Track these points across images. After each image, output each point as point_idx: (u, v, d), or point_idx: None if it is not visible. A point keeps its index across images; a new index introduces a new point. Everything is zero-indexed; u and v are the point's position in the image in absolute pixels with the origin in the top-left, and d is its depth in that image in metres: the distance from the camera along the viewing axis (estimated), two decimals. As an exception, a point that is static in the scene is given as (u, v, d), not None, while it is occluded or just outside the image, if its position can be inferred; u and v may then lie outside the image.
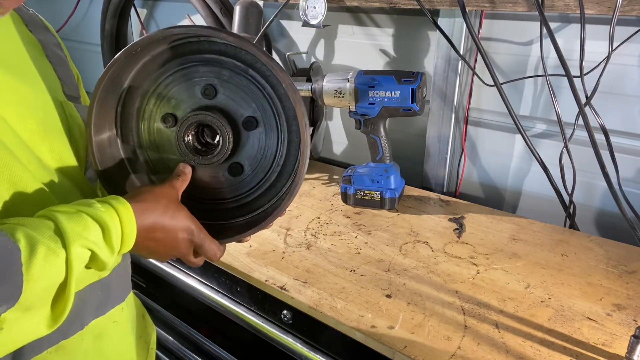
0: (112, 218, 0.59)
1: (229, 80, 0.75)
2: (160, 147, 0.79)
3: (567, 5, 1.04)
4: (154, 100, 0.77)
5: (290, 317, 0.95)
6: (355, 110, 1.19)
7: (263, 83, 0.75)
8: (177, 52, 0.74)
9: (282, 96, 0.75)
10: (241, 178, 0.79)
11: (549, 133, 1.25)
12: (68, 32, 2.31)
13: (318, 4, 1.29)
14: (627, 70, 1.11)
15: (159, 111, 0.77)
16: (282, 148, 0.78)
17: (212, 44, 0.74)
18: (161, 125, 0.77)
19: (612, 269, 0.98)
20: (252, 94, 0.75)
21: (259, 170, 0.79)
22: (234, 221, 0.80)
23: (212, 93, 0.74)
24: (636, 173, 1.16)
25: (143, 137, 0.79)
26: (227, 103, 0.75)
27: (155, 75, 0.75)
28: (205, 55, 0.74)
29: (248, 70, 0.74)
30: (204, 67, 0.74)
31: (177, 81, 0.75)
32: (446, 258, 1.02)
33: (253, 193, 0.80)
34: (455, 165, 1.40)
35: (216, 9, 1.56)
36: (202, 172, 0.78)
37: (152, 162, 0.80)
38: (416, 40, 1.39)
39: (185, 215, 0.69)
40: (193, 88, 0.75)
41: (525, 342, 0.78)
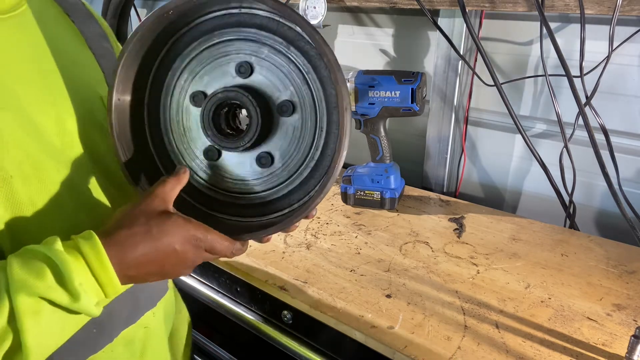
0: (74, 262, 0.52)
1: (267, 58, 0.68)
2: (187, 131, 0.72)
3: (567, 5, 1.04)
4: (185, 77, 0.71)
5: (290, 317, 0.95)
6: (355, 110, 1.19)
7: (305, 64, 0.68)
8: (215, 24, 0.69)
9: (325, 80, 0.67)
10: (270, 170, 0.71)
11: (549, 133, 1.25)
12: (68, 32, 2.31)
13: (318, 4, 1.29)
14: (627, 70, 1.11)
15: (189, 89, 0.71)
16: (320, 140, 0.69)
17: (254, 17, 0.68)
18: (190, 106, 0.71)
19: (612, 269, 0.98)
20: (291, 76, 0.68)
21: (292, 162, 0.71)
22: (257, 220, 0.73)
23: (248, 71, 0.68)
24: (636, 173, 1.16)
25: (169, 119, 0.72)
26: (263, 83, 0.68)
27: (189, 50, 0.70)
28: (245, 29, 0.68)
29: (289, 47, 0.67)
30: (242, 42, 0.68)
31: (212, 56, 0.69)
32: (446, 258, 1.02)
33: (282, 189, 0.72)
34: (455, 165, 1.40)
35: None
36: (228, 160, 0.71)
37: (177, 149, 0.73)
38: (416, 40, 1.39)
39: (176, 224, 0.60)
40: (228, 65, 0.69)
41: (525, 342, 0.78)
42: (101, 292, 0.54)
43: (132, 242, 0.56)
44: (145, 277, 0.59)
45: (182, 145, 0.73)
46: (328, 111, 0.68)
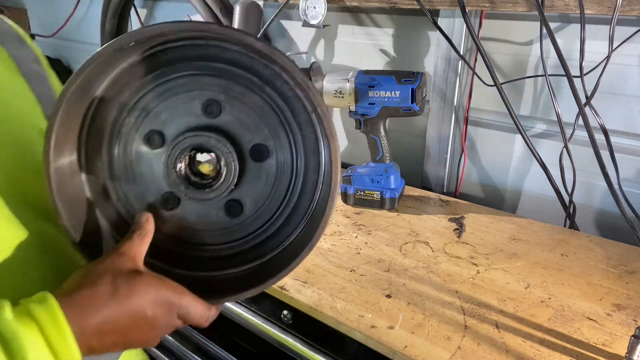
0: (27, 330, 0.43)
1: (239, 97, 0.61)
2: (139, 178, 0.62)
3: (567, 5, 1.04)
4: (136, 114, 0.60)
5: (290, 317, 0.95)
6: (355, 110, 1.19)
7: (281, 105, 0.61)
8: (177, 55, 0.60)
9: (304, 123, 0.62)
10: (240, 219, 0.64)
11: (549, 133, 1.25)
12: (68, 32, 2.31)
13: (318, 4, 1.29)
14: (627, 70, 1.11)
15: (141, 128, 0.61)
16: (297, 186, 0.64)
17: (224, 51, 0.60)
18: (143, 148, 0.61)
19: (612, 269, 0.98)
20: (265, 118, 0.61)
21: (264, 211, 0.64)
22: (224, 273, 0.65)
23: (216, 111, 0.60)
24: (636, 173, 1.16)
25: (116, 165, 0.62)
26: (233, 125, 0.61)
27: (142, 83, 0.60)
28: (213, 63, 0.60)
29: (265, 87, 0.61)
30: (210, 78, 0.61)
31: (172, 92, 0.60)
32: (446, 258, 1.02)
33: (252, 240, 0.65)
34: (455, 165, 1.40)
35: (216, 9, 1.56)
36: (190, 209, 0.63)
37: (126, 200, 0.63)
38: (416, 40, 1.39)
39: (147, 283, 0.52)
40: (192, 102, 0.60)
41: (525, 342, 0.78)
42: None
43: (96, 304, 0.48)
44: (109, 347, 0.50)
45: (131, 194, 0.63)
46: (306, 156, 0.63)
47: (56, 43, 2.48)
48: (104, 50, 0.53)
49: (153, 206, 0.63)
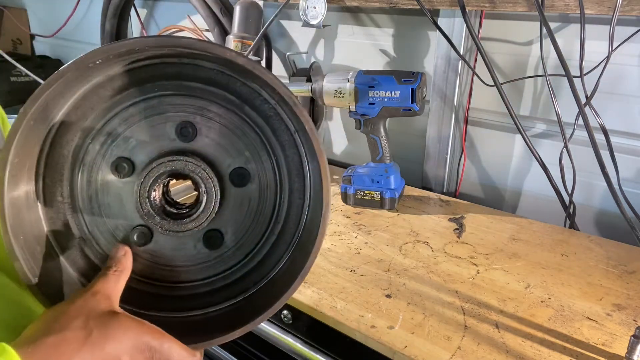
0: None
1: (216, 118, 0.56)
2: (105, 211, 0.56)
3: (567, 5, 1.04)
4: (102, 140, 0.55)
5: (290, 317, 0.95)
6: (355, 110, 1.19)
7: (262, 125, 0.57)
8: (147, 75, 0.54)
9: (287, 144, 0.58)
10: (220, 251, 0.59)
11: (549, 133, 1.25)
12: (68, 32, 2.31)
13: (318, 4, 1.29)
14: (627, 70, 1.11)
15: (108, 155, 0.55)
16: (281, 211, 0.60)
17: (198, 69, 0.55)
18: (110, 177, 0.55)
19: (612, 269, 0.98)
20: (245, 139, 0.57)
21: (247, 240, 0.60)
22: (205, 312, 0.60)
23: (192, 133, 0.56)
24: (636, 173, 1.16)
25: (79, 196, 0.55)
26: (211, 148, 0.57)
27: (109, 105, 0.54)
28: (187, 82, 0.56)
29: (243, 107, 0.57)
30: (184, 98, 0.56)
31: (141, 115, 0.55)
32: (446, 258, 1.02)
33: (235, 272, 0.61)
34: (455, 165, 1.40)
35: (216, 9, 1.56)
36: (164, 242, 0.58)
37: (92, 236, 0.57)
38: (416, 40, 1.39)
39: (124, 326, 0.47)
40: (164, 125, 0.55)
41: (525, 342, 0.78)
42: None
43: (64, 351, 0.42)
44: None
45: (97, 229, 0.57)
46: (290, 178, 0.59)
47: (56, 43, 2.48)
48: (65, 70, 0.46)
49: (123, 242, 0.57)
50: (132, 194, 0.55)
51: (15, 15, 2.52)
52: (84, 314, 0.46)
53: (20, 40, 2.59)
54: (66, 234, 0.56)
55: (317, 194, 0.58)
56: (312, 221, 0.59)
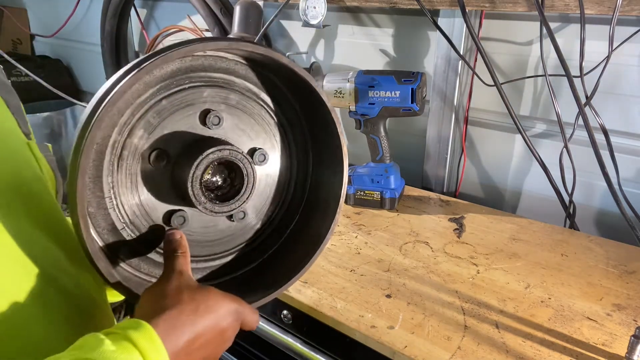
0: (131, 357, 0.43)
1: (237, 106, 0.63)
2: (144, 200, 0.60)
3: (567, 5, 1.04)
4: (138, 133, 0.57)
5: (290, 317, 0.95)
6: (355, 110, 1.19)
7: (275, 109, 0.66)
8: (175, 68, 0.58)
9: (294, 123, 0.68)
10: (243, 223, 0.67)
11: (549, 133, 1.25)
12: (68, 32, 2.31)
13: (318, 4, 1.29)
14: (627, 70, 1.11)
15: (144, 147, 0.58)
16: (291, 182, 0.70)
17: (219, 60, 0.61)
18: (147, 167, 0.58)
19: (612, 269, 0.98)
20: (262, 123, 0.65)
21: (265, 210, 0.69)
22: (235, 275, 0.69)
23: (218, 121, 0.61)
24: (636, 173, 1.16)
25: (119, 189, 0.58)
26: (234, 133, 0.63)
27: (142, 100, 0.57)
28: (210, 74, 0.61)
29: (260, 94, 0.64)
30: (208, 89, 0.61)
31: (172, 106, 0.59)
32: (446, 258, 1.02)
33: (258, 238, 0.70)
34: (455, 165, 1.40)
35: (216, 9, 1.56)
36: (196, 223, 0.63)
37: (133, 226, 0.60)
38: (416, 40, 1.39)
39: (217, 296, 0.53)
40: (194, 115, 0.60)
41: (525, 342, 0.78)
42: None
43: (185, 321, 0.49)
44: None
45: (138, 219, 0.60)
46: (297, 151, 0.69)
47: (56, 43, 2.48)
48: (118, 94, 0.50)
49: (161, 227, 0.61)
50: (169, 182, 0.59)
51: (15, 15, 2.52)
52: (184, 290, 0.51)
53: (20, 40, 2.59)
54: (110, 228, 0.58)
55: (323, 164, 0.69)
56: (319, 187, 0.70)
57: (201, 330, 0.50)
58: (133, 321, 0.46)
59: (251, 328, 0.58)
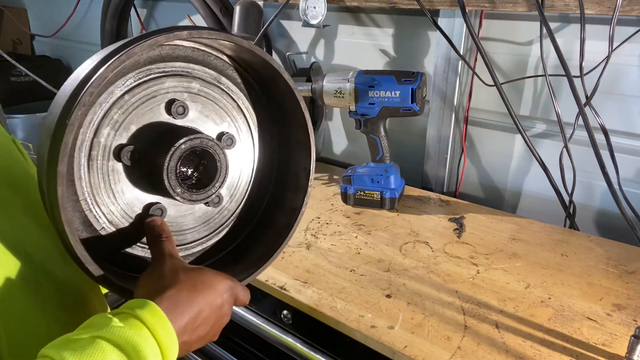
0: (140, 334, 0.45)
1: (199, 93, 0.64)
2: (118, 195, 0.60)
3: (567, 5, 1.04)
4: (105, 132, 0.57)
5: (290, 317, 0.95)
6: (355, 110, 1.19)
7: (236, 91, 0.67)
8: (133, 62, 0.58)
9: (257, 104, 0.69)
10: (219, 207, 0.69)
11: (549, 133, 1.25)
12: (68, 32, 2.31)
13: (318, 4, 1.29)
14: (627, 70, 1.11)
15: (112, 145, 0.58)
16: (259, 161, 0.72)
17: (176, 49, 0.61)
18: (118, 165, 0.58)
19: (612, 269, 0.98)
20: (225, 108, 0.67)
21: (237, 191, 0.71)
22: (216, 258, 0.71)
23: (182, 111, 0.61)
24: (636, 173, 1.16)
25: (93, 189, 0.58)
26: (200, 121, 0.64)
27: (103, 97, 0.56)
28: (170, 63, 0.61)
29: (220, 78, 0.65)
30: (169, 79, 0.61)
31: (135, 101, 0.58)
32: (446, 258, 1.02)
33: (233, 219, 0.71)
34: (455, 165, 1.40)
35: (216, 9, 1.56)
36: (175, 212, 0.64)
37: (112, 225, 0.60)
38: (416, 40, 1.39)
39: (212, 275, 0.56)
40: (158, 107, 0.60)
41: (525, 342, 0.78)
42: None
43: (185, 298, 0.51)
44: (194, 342, 0.53)
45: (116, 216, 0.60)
46: (262, 131, 0.71)
47: (56, 43, 2.48)
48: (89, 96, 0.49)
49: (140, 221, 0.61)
50: (143, 176, 0.60)
51: (15, 15, 2.52)
52: (179, 270, 0.54)
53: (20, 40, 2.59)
54: (89, 230, 0.58)
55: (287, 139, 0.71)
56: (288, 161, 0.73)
57: (201, 306, 0.52)
58: (138, 300, 0.48)
59: (244, 304, 0.61)
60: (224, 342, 1.17)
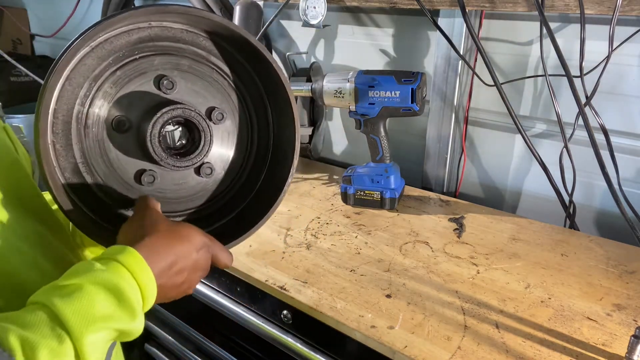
0: (121, 276, 0.49)
1: (189, 70, 0.68)
2: (114, 163, 0.65)
3: (567, 5, 1.04)
4: (98, 103, 0.63)
5: (290, 317, 0.95)
6: (355, 110, 1.19)
7: (226, 70, 0.71)
8: (122, 42, 0.63)
9: (247, 83, 0.73)
10: (213, 178, 0.73)
11: (549, 133, 1.25)
12: (68, 32, 2.31)
13: (318, 4, 1.29)
14: (627, 70, 1.11)
15: (106, 116, 0.64)
16: (254, 138, 0.75)
17: (165, 30, 0.65)
18: (112, 133, 0.64)
19: (612, 269, 0.98)
20: (215, 84, 0.70)
21: (232, 166, 0.74)
22: (213, 227, 0.74)
23: (171, 86, 0.66)
24: (636, 173, 1.16)
25: (90, 154, 0.64)
26: (189, 96, 0.68)
27: (97, 73, 0.62)
28: (159, 43, 0.65)
29: (210, 57, 0.69)
30: (159, 57, 0.65)
31: (127, 76, 0.64)
32: (446, 258, 1.02)
33: (228, 193, 0.75)
34: (455, 165, 1.40)
35: (216, 9, 1.56)
36: (168, 180, 0.69)
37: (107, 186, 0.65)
38: (416, 40, 1.39)
39: (191, 228, 0.61)
40: (148, 82, 0.65)
41: (525, 342, 0.78)
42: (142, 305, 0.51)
43: (163, 244, 0.55)
44: (169, 288, 0.56)
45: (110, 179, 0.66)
46: (255, 109, 0.74)
47: (56, 43, 2.48)
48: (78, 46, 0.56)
49: (132, 187, 0.67)
50: (135, 144, 0.65)
51: (15, 15, 2.52)
52: (159, 222, 0.58)
53: (20, 40, 2.59)
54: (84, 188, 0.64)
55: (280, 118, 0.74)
56: (281, 139, 0.76)
57: (177, 254, 0.56)
58: (118, 247, 0.52)
59: (225, 265, 0.65)
60: (224, 342, 1.18)
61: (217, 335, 1.19)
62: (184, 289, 0.60)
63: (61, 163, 0.62)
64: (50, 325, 0.43)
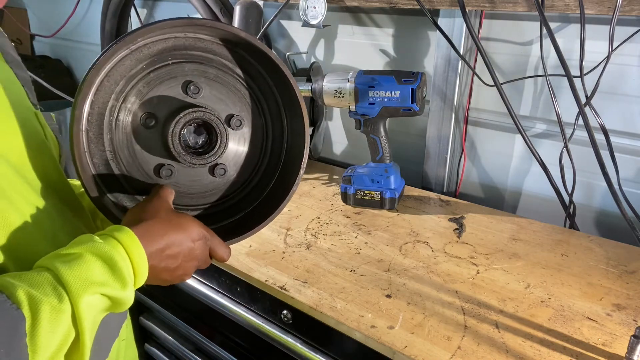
0: (116, 250, 0.55)
1: (215, 79, 0.74)
2: (138, 155, 0.71)
3: (567, 5, 1.04)
4: (131, 100, 0.69)
5: (290, 317, 0.95)
6: (355, 110, 1.19)
7: (250, 82, 0.76)
8: (160, 48, 0.69)
9: (267, 95, 0.78)
10: (225, 179, 0.78)
11: (549, 133, 1.25)
12: (68, 32, 2.31)
13: (318, 4, 1.29)
14: (627, 70, 1.11)
15: (136, 112, 0.70)
16: (267, 147, 0.81)
17: (198, 41, 0.71)
18: (139, 128, 0.70)
19: (612, 269, 0.98)
20: (238, 93, 0.76)
21: (244, 170, 0.79)
22: (221, 225, 0.78)
23: (197, 91, 0.71)
24: (636, 173, 1.16)
25: (118, 145, 0.70)
26: (212, 101, 0.73)
27: (133, 73, 0.68)
28: (191, 52, 0.72)
29: (235, 69, 0.75)
30: (190, 64, 0.72)
31: (159, 79, 0.70)
32: (446, 258, 1.02)
33: (238, 194, 0.80)
34: (455, 165, 1.40)
35: (216, 9, 1.56)
36: (183, 176, 0.74)
37: (129, 175, 0.72)
38: (416, 40, 1.39)
39: (190, 220, 0.65)
40: (177, 86, 0.71)
41: (525, 342, 0.78)
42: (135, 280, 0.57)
43: (158, 229, 0.60)
44: (161, 270, 0.61)
45: (132, 169, 0.71)
46: (273, 121, 0.80)
47: (56, 43, 2.48)
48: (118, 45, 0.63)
49: (152, 177, 0.72)
50: (158, 140, 0.70)
51: (15, 15, 2.52)
52: (162, 209, 0.64)
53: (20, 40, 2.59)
54: (108, 174, 0.70)
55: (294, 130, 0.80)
56: (292, 149, 0.81)
57: (172, 240, 0.61)
58: (117, 226, 0.58)
59: (222, 258, 0.70)
60: (224, 342, 1.18)
61: (217, 335, 1.19)
62: (178, 275, 0.64)
63: (92, 149, 0.68)
64: (53, 285, 0.49)
